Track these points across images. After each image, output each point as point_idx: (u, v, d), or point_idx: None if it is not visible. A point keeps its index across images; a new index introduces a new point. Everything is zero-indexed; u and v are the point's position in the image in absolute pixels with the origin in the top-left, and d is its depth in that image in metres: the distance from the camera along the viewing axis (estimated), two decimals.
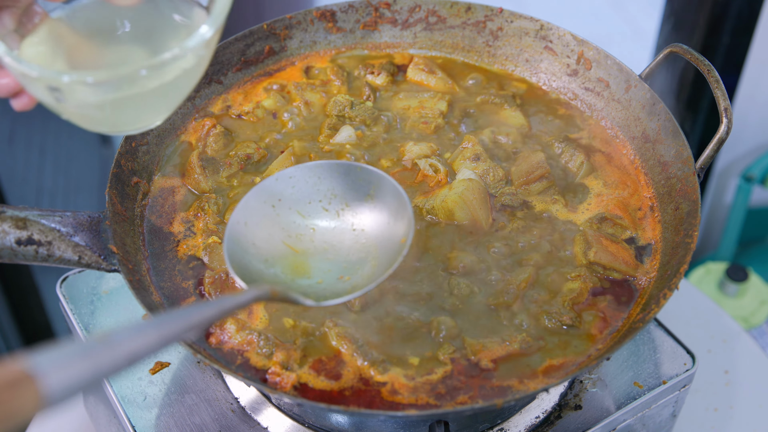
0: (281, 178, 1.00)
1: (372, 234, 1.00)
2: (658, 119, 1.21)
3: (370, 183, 1.00)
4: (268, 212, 1.00)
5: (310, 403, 0.93)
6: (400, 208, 0.98)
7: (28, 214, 1.00)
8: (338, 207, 1.01)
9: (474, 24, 1.39)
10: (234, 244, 0.95)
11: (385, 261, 0.96)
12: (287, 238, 0.99)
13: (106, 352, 0.58)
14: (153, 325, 0.64)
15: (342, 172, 1.01)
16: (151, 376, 1.15)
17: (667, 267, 1.07)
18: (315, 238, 1.00)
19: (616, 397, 1.13)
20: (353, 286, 0.95)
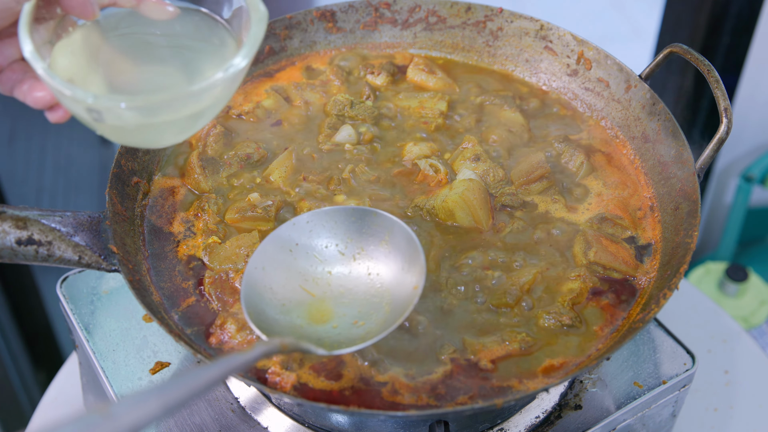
0: (298, 224, 1.02)
1: (386, 279, 1.01)
2: (658, 119, 1.21)
3: (384, 228, 1.02)
4: (285, 257, 1.02)
5: (310, 403, 0.93)
6: (413, 254, 0.99)
7: (29, 214, 1.00)
8: (354, 251, 1.03)
9: (474, 24, 1.39)
10: (251, 290, 0.97)
11: (398, 306, 0.97)
12: (304, 282, 1.01)
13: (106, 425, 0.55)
14: (155, 394, 0.61)
15: (358, 217, 1.02)
16: (151, 375, 1.15)
17: (667, 267, 1.07)
18: (332, 282, 1.02)
19: (616, 397, 1.13)
20: (367, 332, 0.96)
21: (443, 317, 1.04)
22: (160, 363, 1.17)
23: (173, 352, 1.18)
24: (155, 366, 1.16)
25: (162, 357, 1.18)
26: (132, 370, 1.16)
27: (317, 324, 0.98)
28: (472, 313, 1.05)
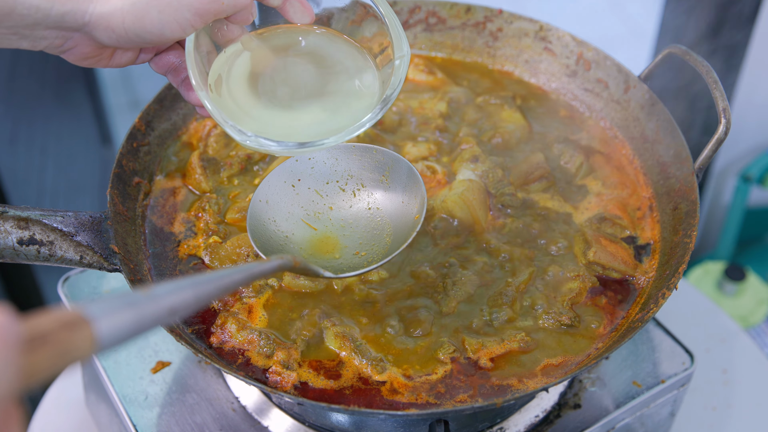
0: (301, 159, 1.05)
1: (386, 212, 1.04)
2: (657, 120, 1.21)
3: (385, 164, 1.04)
4: (288, 191, 1.05)
5: (310, 402, 0.93)
6: (413, 187, 1.02)
7: (30, 214, 1.00)
8: (354, 187, 1.06)
9: (474, 25, 1.39)
10: (256, 221, 1.01)
11: (399, 237, 1.00)
12: (306, 216, 1.04)
13: (150, 304, 0.62)
14: (189, 285, 0.67)
15: (358, 154, 1.05)
16: (152, 375, 1.16)
17: (665, 267, 1.08)
18: (332, 217, 1.05)
19: (615, 396, 1.14)
20: (369, 261, 1.00)
21: (443, 317, 1.05)
22: (161, 362, 1.17)
23: (174, 351, 1.18)
24: (156, 365, 1.17)
25: (163, 356, 1.18)
26: (133, 369, 1.16)
27: (320, 255, 1.01)
28: (472, 312, 1.05)
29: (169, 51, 0.96)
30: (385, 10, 0.95)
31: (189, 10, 0.85)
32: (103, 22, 0.85)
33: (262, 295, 1.06)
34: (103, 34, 0.86)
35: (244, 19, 0.92)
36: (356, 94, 0.97)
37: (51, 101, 2.17)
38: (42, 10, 0.82)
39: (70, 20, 0.84)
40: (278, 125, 0.95)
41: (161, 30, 0.86)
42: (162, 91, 1.23)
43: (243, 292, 1.07)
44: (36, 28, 0.84)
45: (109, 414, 1.18)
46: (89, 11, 0.84)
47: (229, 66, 0.96)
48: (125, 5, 0.84)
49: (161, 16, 0.85)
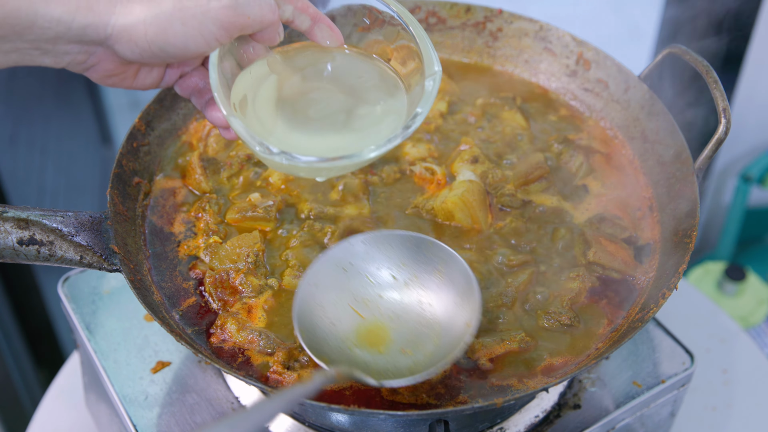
0: (354, 244, 1.01)
1: (438, 310, 0.99)
2: (657, 120, 1.22)
3: (440, 258, 1.00)
4: (338, 274, 1.00)
5: (310, 402, 0.93)
6: (467, 289, 0.97)
7: (30, 214, 1.00)
8: (407, 277, 1.01)
9: (474, 25, 1.39)
10: (304, 306, 0.97)
11: (448, 341, 0.96)
12: (354, 302, 1.00)
13: None
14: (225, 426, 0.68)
15: (413, 244, 1.01)
16: (152, 375, 1.16)
17: (665, 267, 1.08)
18: (381, 306, 1.00)
19: (615, 397, 1.14)
20: (414, 362, 0.95)
21: None
22: (161, 362, 1.17)
23: (174, 351, 1.19)
24: (156, 365, 1.17)
25: (163, 356, 1.18)
26: (133, 369, 1.16)
27: (365, 347, 0.97)
28: None
29: (193, 74, 0.94)
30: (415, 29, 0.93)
31: (214, 22, 0.84)
32: (125, 35, 0.83)
33: (261, 295, 1.07)
34: (126, 48, 0.84)
35: (270, 38, 0.91)
36: (384, 117, 0.95)
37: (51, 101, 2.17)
38: (63, 23, 0.81)
39: (92, 33, 0.83)
40: (304, 147, 0.92)
41: (185, 43, 0.84)
42: (162, 91, 1.23)
43: (243, 291, 1.07)
44: (58, 42, 0.83)
45: (110, 414, 1.19)
46: (111, 23, 0.83)
47: (256, 87, 0.94)
48: (148, 17, 0.83)
49: (185, 29, 0.83)
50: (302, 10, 0.92)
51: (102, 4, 0.82)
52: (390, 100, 0.96)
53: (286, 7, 0.91)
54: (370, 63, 0.98)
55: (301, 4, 0.92)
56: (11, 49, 0.81)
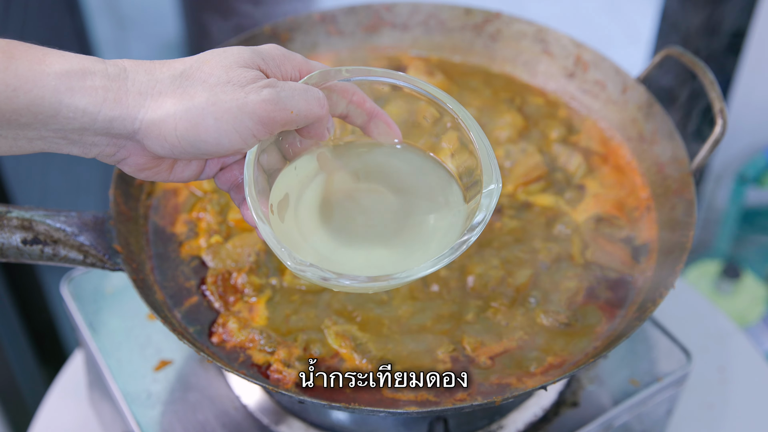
0: None
1: None
2: (654, 121, 1.22)
3: None
4: None
5: (310, 400, 0.94)
6: None
7: (34, 214, 1.01)
8: None
9: (473, 27, 1.40)
10: None
11: None
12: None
13: None
14: None
15: None
16: (154, 373, 1.17)
17: (663, 266, 1.09)
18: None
19: (613, 395, 1.14)
20: None
21: (441, 316, 1.05)
22: (164, 361, 1.18)
23: (176, 350, 1.19)
24: (159, 364, 1.17)
25: (165, 355, 1.19)
26: (136, 367, 1.17)
27: None
28: (471, 312, 1.06)
29: (233, 167, 0.86)
30: (478, 136, 0.84)
31: (251, 118, 0.75)
32: (155, 130, 0.76)
33: (263, 294, 1.07)
34: (155, 143, 0.77)
35: (318, 134, 0.82)
36: (437, 229, 0.86)
37: None
38: (89, 114, 0.75)
39: (118, 126, 0.77)
40: (344, 260, 0.83)
41: (217, 140, 0.76)
42: None
43: (244, 291, 1.07)
44: (84, 134, 0.77)
45: (113, 412, 1.19)
46: (139, 117, 0.76)
47: (301, 187, 0.86)
48: (179, 111, 0.75)
49: (218, 124, 0.75)
50: (358, 104, 0.85)
51: (131, 97, 0.76)
52: (444, 209, 0.87)
53: (339, 101, 0.83)
54: (427, 162, 0.89)
55: (357, 98, 0.85)
56: (36, 136, 0.77)
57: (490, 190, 0.81)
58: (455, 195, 0.87)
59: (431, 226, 0.86)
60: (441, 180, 0.89)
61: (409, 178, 0.90)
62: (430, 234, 0.85)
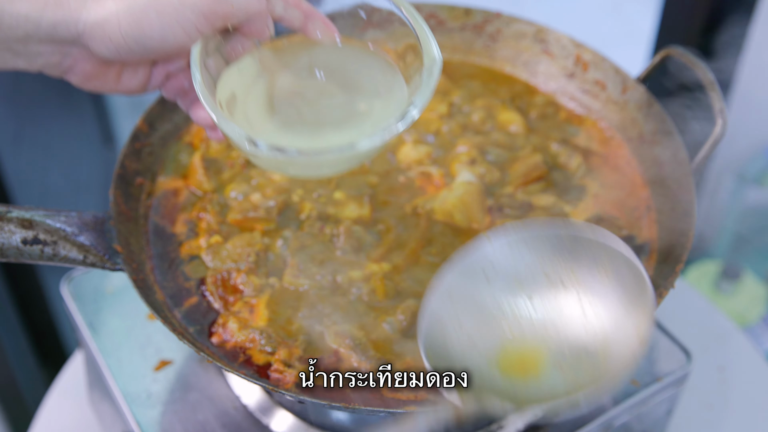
0: (494, 241, 0.83)
1: (604, 318, 0.78)
2: (654, 120, 1.22)
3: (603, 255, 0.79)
4: (479, 280, 0.82)
5: (310, 400, 0.94)
6: (638, 292, 0.77)
7: (34, 214, 1.01)
8: (563, 274, 0.81)
9: (473, 27, 1.40)
10: (434, 320, 0.80)
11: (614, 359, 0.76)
12: (499, 311, 0.81)
13: None
14: None
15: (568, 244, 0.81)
16: (154, 373, 1.17)
17: (663, 266, 1.09)
18: (533, 313, 0.81)
19: (613, 395, 1.14)
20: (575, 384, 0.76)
21: None
22: (164, 361, 1.18)
23: (176, 349, 1.19)
24: (159, 364, 1.18)
25: (165, 355, 1.19)
26: (136, 367, 1.17)
27: (511, 372, 0.79)
28: None
29: (178, 75, 0.90)
30: (412, 16, 0.87)
31: (193, 11, 0.78)
32: (99, 31, 0.78)
33: (263, 294, 1.07)
34: (101, 45, 0.79)
35: (258, 31, 0.85)
36: (384, 111, 0.88)
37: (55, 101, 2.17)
38: (31, 21, 0.77)
39: (62, 31, 0.78)
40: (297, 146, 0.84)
41: (162, 35, 0.79)
42: None
43: (244, 291, 1.07)
44: (29, 43, 0.79)
45: (113, 412, 1.19)
46: (82, 19, 0.78)
47: (247, 86, 0.89)
48: (120, 9, 0.78)
49: (161, 19, 0.78)
50: (295, 5, 0.87)
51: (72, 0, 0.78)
52: (390, 93, 0.90)
53: (276, 3, 0.86)
54: (367, 55, 0.93)
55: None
56: None
57: (431, 62, 0.83)
58: (399, 82, 0.89)
59: (378, 111, 0.88)
60: (383, 69, 0.91)
61: (351, 71, 0.91)
62: (377, 118, 0.86)
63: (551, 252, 0.80)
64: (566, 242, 0.79)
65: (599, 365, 0.75)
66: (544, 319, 0.79)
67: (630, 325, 0.75)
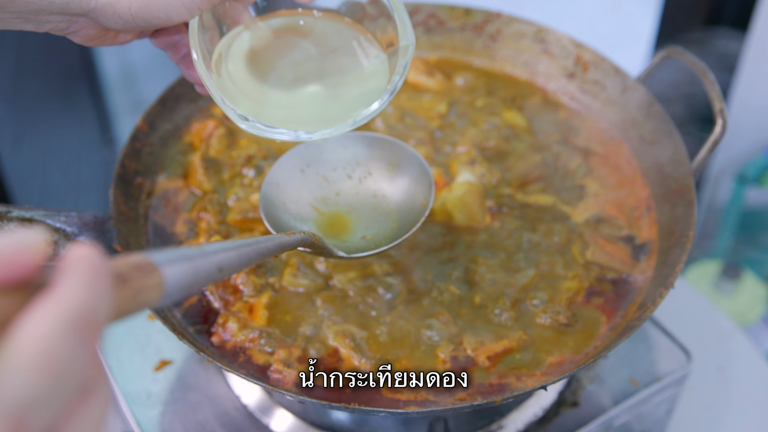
0: (310, 145, 1.06)
1: (393, 200, 1.06)
2: (654, 120, 1.22)
3: (392, 153, 1.06)
4: (297, 176, 1.06)
5: (310, 400, 0.94)
6: (421, 175, 1.04)
7: (34, 214, 1.01)
8: (361, 175, 1.07)
9: (473, 27, 1.40)
10: (268, 203, 1.02)
11: (406, 223, 1.02)
12: (314, 200, 1.06)
13: (203, 259, 0.64)
14: (233, 246, 0.70)
15: (366, 143, 1.07)
16: (154, 373, 1.17)
17: (663, 266, 1.09)
18: (339, 202, 1.06)
19: (613, 395, 1.14)
20: (376, 244, 1.02)
21: (441, 316, 1.05)
22: (164, 361, 1.18)
23: (176, 349, 1.19)
24: (159, 363, 1.17)
25: (165, 355, 1.19)
26: (136, 367, 1.17)
27: (328, 237, 1.03)
28: (471, 312, 1.06)
29: (170, 29, 0.96)
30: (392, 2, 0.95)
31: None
32: (109, 9, 0.84)
33: (262, 294, 1.07)
34: (110, 20, 0.86)
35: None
36: (360, 77, 0.97)
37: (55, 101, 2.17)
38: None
39: (75, 7, 0.84)
40: (278, 106, 0.95)
41: (168, 14, 0.86)
42: (164, 92, 1.24)
43: (244, 291, 1.07)
44: (40, 14, 0.84)
45: (113, 412, 1.19)
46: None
47: (229, 44, 0.97)
48: None
49: (168, 1, 0.85)
50: None
51: None
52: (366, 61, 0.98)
53: None
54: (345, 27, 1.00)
55: None
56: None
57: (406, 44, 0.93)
58: (375, 49, 0.98)
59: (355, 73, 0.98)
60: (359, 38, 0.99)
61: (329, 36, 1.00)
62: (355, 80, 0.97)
63: (353, 156, 1.06)
64: (366, 145, 1.06)
65: (394, 230, 1.03)
66: (347, 205, 1.06)
67: (416, 198, 1.03)
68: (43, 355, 0.44)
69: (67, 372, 0.45)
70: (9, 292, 0.47)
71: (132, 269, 0.54)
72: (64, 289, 0.47)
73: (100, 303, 0.48)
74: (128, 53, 2.99)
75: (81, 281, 0.48)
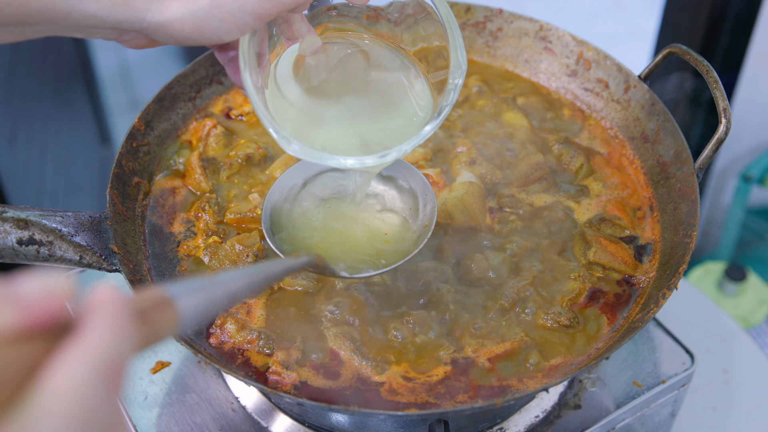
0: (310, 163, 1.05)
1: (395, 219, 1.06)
2: (657, 119, 1.21)
3: (396, 172, 1.07)
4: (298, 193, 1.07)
5: (309, 402, 0.93)
6: (424, 195, 1.05)
7: (30, 214, 1.00)
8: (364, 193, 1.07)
9: (474, 25, 1.39)
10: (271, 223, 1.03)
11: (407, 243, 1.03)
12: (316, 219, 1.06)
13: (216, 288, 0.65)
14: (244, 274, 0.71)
15: None
16: (151, 375, 1.16)
17: (666, 267, 1.08)
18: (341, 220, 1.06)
19: (616, 397, 1.14)
20: (378, 263, 1.02)
21: (441, 317, 1.05)
22: (161, 362, 1.17)
23: (174, 351, 1.19)
24: (156, 366, 1.17)
25: (162, 357, 1.18)
26: (133, 369, 1.16)
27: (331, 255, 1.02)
28: (471, 313, 1.05)
29: None
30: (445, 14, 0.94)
31: (251, 15, 0.85)
32: (162, 30, 0.85)
33: (261, 295, 1.07)
34: (161, 38, 0.86)
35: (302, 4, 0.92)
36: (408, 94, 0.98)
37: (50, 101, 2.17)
38: (98, 18, 0.82)
39: (127, 26, 0.84)
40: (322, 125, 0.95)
41: (219, 36, 0.86)
42: (161, 91, 1.23)
43: None
44: (92, 28, 0.85)
45: None
46: (147, 19, 0.84)
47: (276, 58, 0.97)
48: (185, 15, 0.84)
49: (221, 24, 0.85)
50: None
51: (139, 1, 0.83)
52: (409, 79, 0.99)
53: None
54: (394, 53, 1.01)
55: None
56: (44, 30, 0.83)
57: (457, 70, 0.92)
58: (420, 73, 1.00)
59: (401, 90, 0.99)
60: (405, 61, 1.01)
61: (377, 56, 1.01)
62: (401, 96, 0.98)
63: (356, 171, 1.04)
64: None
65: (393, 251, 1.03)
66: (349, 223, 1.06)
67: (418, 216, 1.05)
68: (75, 404, 0.46)
69: (96, 419, 0.47)
70: (36, 338, 0.49)
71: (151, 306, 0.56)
72: (90, 336, 0.49)
73: (125, 347, 0.50)
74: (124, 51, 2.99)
75: (107, 326, 0.49)
